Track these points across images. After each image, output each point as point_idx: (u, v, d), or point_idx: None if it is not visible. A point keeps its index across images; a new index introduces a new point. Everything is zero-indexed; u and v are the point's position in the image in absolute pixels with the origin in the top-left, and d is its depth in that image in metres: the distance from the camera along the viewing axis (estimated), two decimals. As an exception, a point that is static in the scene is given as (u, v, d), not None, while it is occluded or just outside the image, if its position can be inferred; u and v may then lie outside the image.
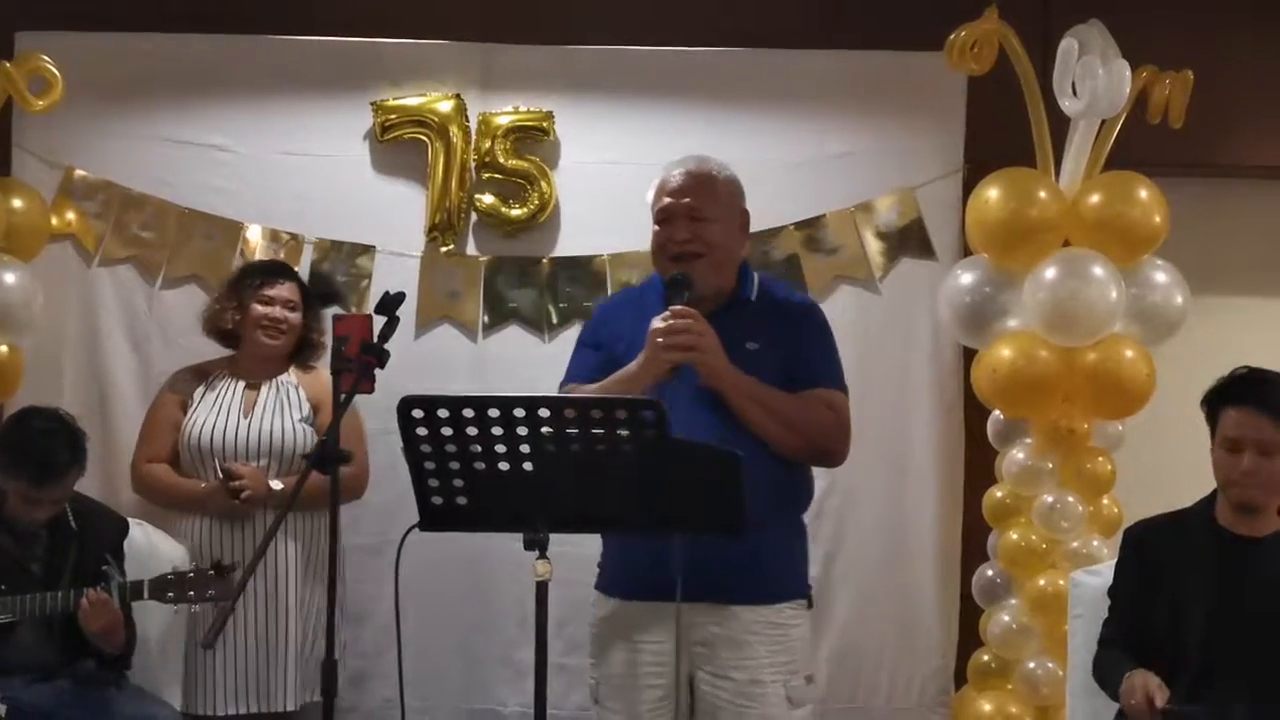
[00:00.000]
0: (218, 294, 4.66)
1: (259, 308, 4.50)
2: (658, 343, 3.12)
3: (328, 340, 4.60)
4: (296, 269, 4.87)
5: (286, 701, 4.39)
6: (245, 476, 4.32)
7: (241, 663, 4.35)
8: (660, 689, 3.21)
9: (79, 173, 5.04)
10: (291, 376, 4.56)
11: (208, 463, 4.41)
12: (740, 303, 3.34)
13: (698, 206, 3.29)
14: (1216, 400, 3.51)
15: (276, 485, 4.37)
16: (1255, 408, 3.43)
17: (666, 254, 3.31)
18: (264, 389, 4.51)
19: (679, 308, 3.15)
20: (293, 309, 4.54)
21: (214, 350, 4.64)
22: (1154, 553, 3.59)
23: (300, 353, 4.61)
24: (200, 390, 4.53)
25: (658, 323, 3.15)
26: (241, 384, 4.52)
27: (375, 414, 4.34)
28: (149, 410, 4.64)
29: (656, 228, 3.34)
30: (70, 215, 5.03)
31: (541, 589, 2.77)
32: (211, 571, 3.94)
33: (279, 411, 4.46)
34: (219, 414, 4.45)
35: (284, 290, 4.54)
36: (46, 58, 4.73)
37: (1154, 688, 3.31)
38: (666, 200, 3.31)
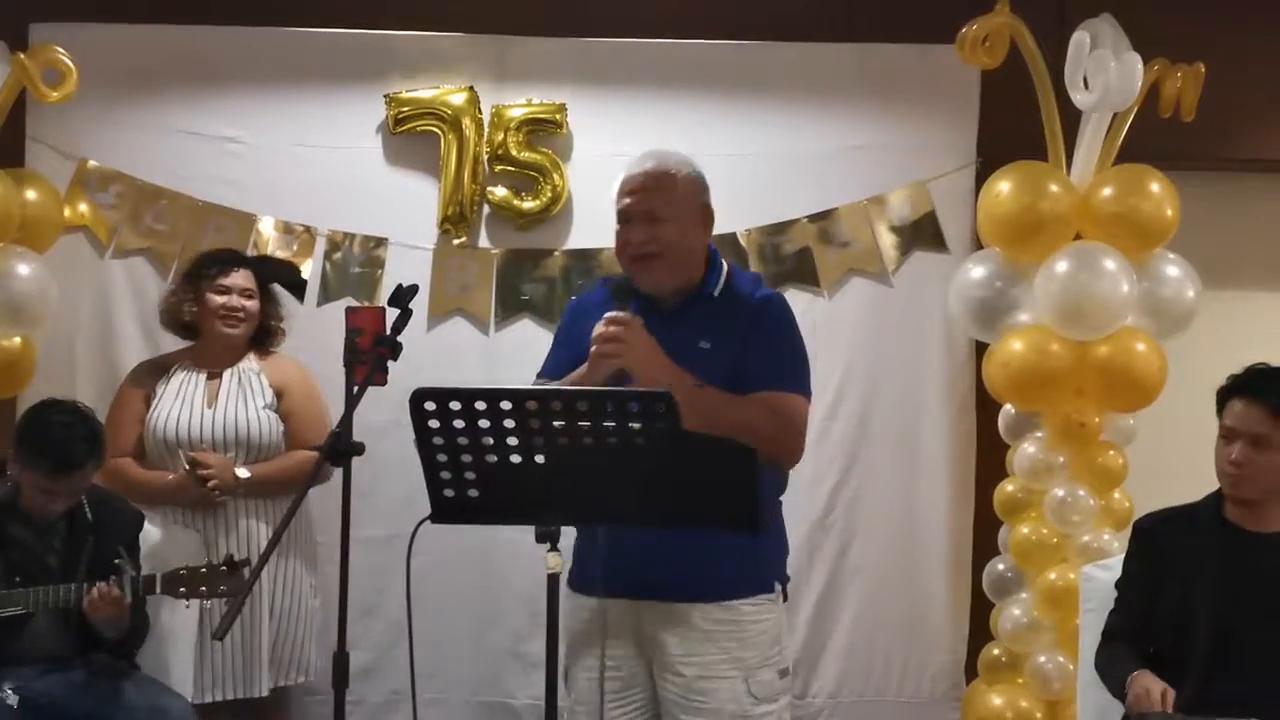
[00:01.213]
0: (172, 286, 4.65)
1: (216, 297, 4.50)
2: (593, 350, 3.14)
3: (289, 326, 4.64)
4: (309, 261, 4.88)
5: (262, 687, 4.42)
6: (212, 466, 4.33)
7: (220, 649, 4.37)
8: (619, 680, 3.23)
9: (93, 164, 5.06)
10: (253, 363, 4.56)
11: (174, 454, 4.42)
12: (702, 299, 3.31)
13: (654, 208, 3.26)
14: (1225, 392, 3.53)
15: (244, 474, 4.38)
16: (1254, 400, 3.45)
17: (625, 255, 3.31)
18: (226, 377, 4.51)
19: (613, 314, 3.14)
20: (249, 296, 4.54)
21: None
22: (1162, 546, 3.59)
23: (259, 339, 4.61)
24: (162, 383, 4.53)
25: (599, 327, 3.15)
26: (203, 374, 4.52)
27: (387, 406, 4.31)
28: (112, 405, 4.60)
29: (617, 227, 3.33)
30: (84, 207, 5.05)
31: (553, 581, 2.77)
32: (224, 567, 3.95)
33: (242, 400, 4.47)
34: (182, 405, 4.45)
35: (239, 278, 4.53)
36: (61, 49, 4.73)
37: (1159, 693, 3.31)
38: (625, 201, 3.31)
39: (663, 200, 3.28)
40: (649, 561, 3.07)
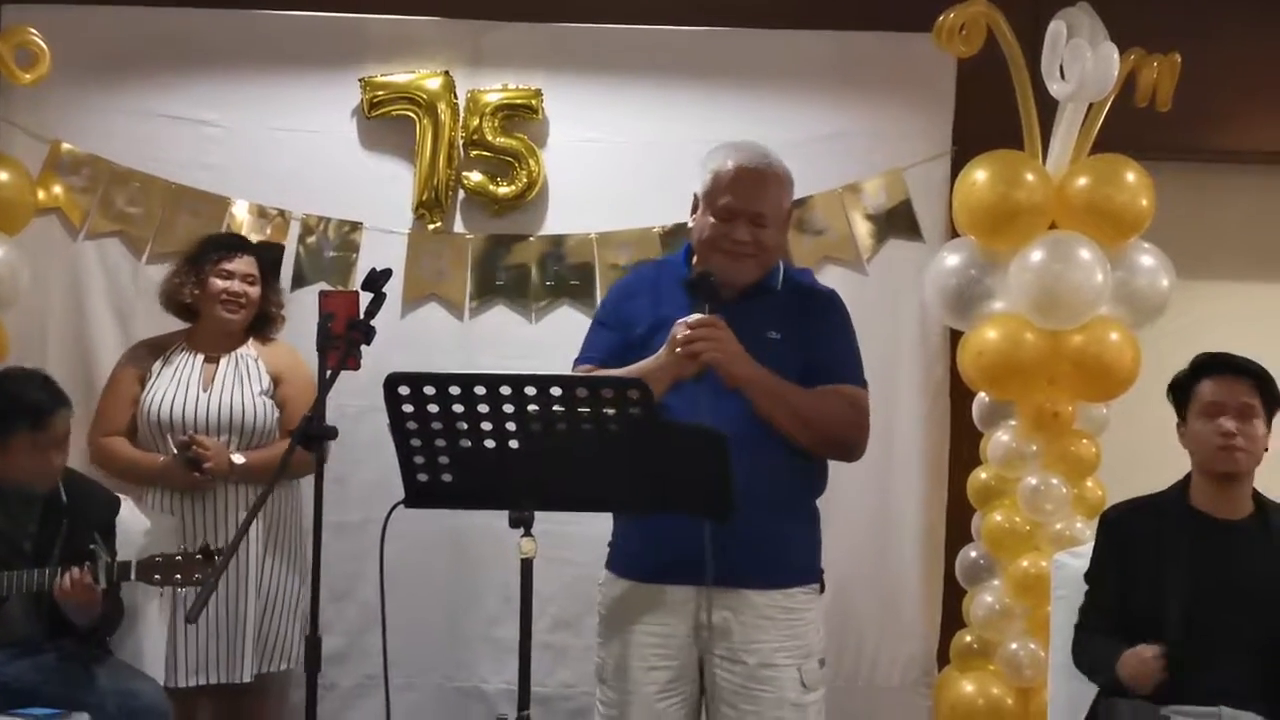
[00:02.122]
0: (174, 268, 4.64)
1: (218, 282, 4.49)
2: (678, 351, 3.11)
3: (288, 313, 4.62)
4: (283, 244, 4.87)
5: (244, 673, 4.42)
6: (209, 448, 4.33)
7: (203, 636, 4.37)
8: (670, 670, 3.20)
9: (66, 146, 5.03)
10: (251, 349, 4.56)
11: (167, 436, 4.41)
12: (765, 291, 3.31)
13: (762, 211, 3.25)
14: (1189, 379, 3.55)
15: (239, 459, 4.38)
16: (1233, 374, 3.50)
17: (719, 249, 3.25)
18: (223, 362, 4.51)
19: (702, 316, 3.12)
20: (252, 283, 4.54)
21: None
22: (1130, 537, 3.61)
23: (258, 325, 4.60)
24: (158, 364, 4.53)
25: (681, 328, 3.14)
26: (200, 357, 4.52)
27: (360, 391, 4.33)
28: (107, 384, 4.62)
29: (711, 219, 3.26)
30: (57, 189, 5.01)
31: (526, 567, 2.78)
32: (199, 555, 3.93)
33: (238, 384, 4.46)
34: (178, 387, 4.45)
35: (243, 264, 4.53)
36: (34, 31, 4.71)
37: (1150, 657, 3.34)
38: (729, 200, 3.24)
39: (770, 204, 3.28)
40: (715, 546, 3.03)
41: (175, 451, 4.35)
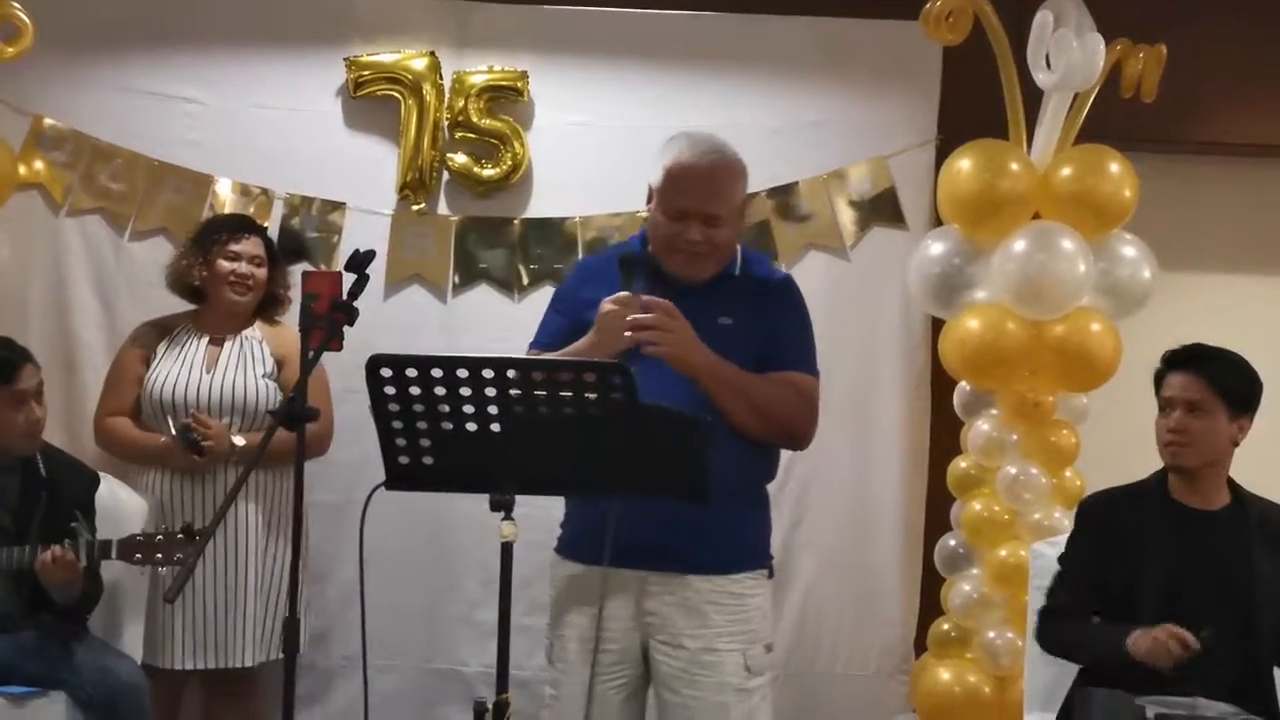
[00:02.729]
0: (182, 249, 4.62)
1: (225, 264, 4.48)
2: (626, 335, 3.09)
3: (294, 295, 4.60)
4: (266, 224, 4.85)
5: (245, 658, 4.40)
6: (211, 427, 4.31)
7: (202, 619, 4.35)
8: (611, 654, 3.21)
9: (48, 122, 4.99)
10: (256, 331, 4.55)
11: (169, 417, 4.40)
12: (721, 277, 3.30)
13: (716, 214, 3.19)
14: (1162, 369, 3.58)
15: (240, 441, 4.36)
16: (1189, 370, 3.53)
17: (674, 249, 3.22)
18: (228, 344, 4.50)
19: (649, 299, 3.09)
20: (259, 265, 4.52)
21: (180, 304, 4.61)
22: (1109, 525, 3.63)
23: (265, 308, 4.59)
24: (164, 344, 4.52)
25: (607, 304, 3.11)
26: (205, 339, 4.51)
27: (343, 372, 4.34)
28: (112, 364, 4.62)
29: (663, 217, 3.22)
30: (38, 164, 4.98)
31: (507, 550, 2.77)
32: (180, 535, 3.93)
33: (242, 367, 4.45)
34: (182, 368, 4.43)
35: (250, 245, 4.51)
36: (17, 5, 4.68)
37: (1173, 629, 3.33)
38: (682, 201, 3.19)
39: (723, 202, 3.20)
40: (657, 531, 3.05)
41: (175, 433, 4.34)
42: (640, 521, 3.00)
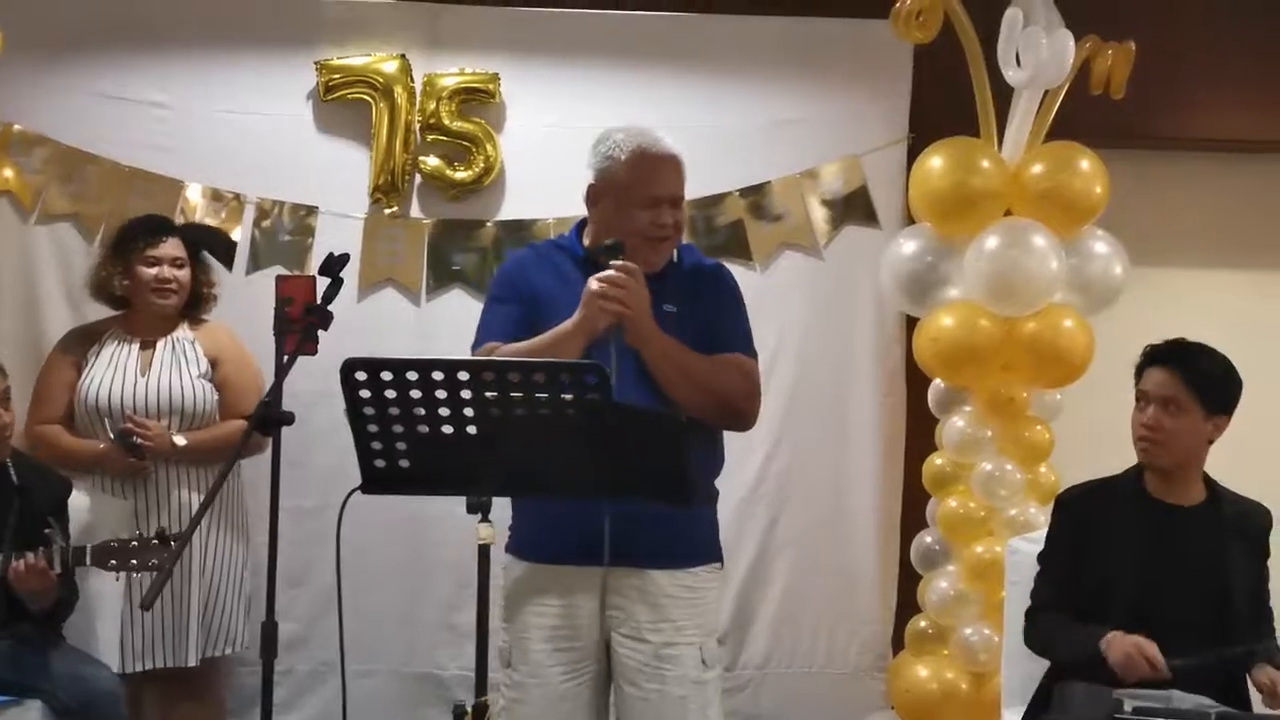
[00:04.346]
0: (100, 257, 4.57)
1: (146, 269, 4.43)
2: (599, 300, 3.12)
3: (219, 291, 4.58)
4: (238, 228, 4.83)
5: (188, 657, 4.38)
6: (150, 429, 4.30)
7: (149, 619, 4.33)
8: (575, 651, 3.21)
9: (17, 128, 4.97)
10: (186, 332, 4.52)
11: (105, 421, 4.37)
12: (667, 267, 3.33)
13: (680, 196, 3.31)
14: (1142, 363, 3.59)
15: (180, 441, 4.35)
16: (1166, 366, 3.53)
17: (649, 237, 3.25)
18: (160, 346, 4.47)
19: (621, 263, 3.14)
20: (180, 266, 4.48)
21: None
22: (1086, 518, 3.64)
23: (191, 306, 4.55)
24: (94, 350, 4.47)
25: (594, 283, 3.14)
26: (136, 343, 4.47)
27: (317, 376, 4.28)
28: (41, 372, 4.56)
29: (637, 210, 3.25)
30: (8, 172, 4.96)
31: (484, 552, 2.78)
32: (155, 540, 3.91)
33: (176, 368, 4.43)
34: (115, 373, 4.40)
35: (169, 248, 4.46)
36: (-16, 11, 4.66)
37: (1147, 647, 3.34)
38: (658, 187, 3.26)
39: (682, 184, 3.32)
40: (616, 528, 3.05)
41: (113, 437, 4.31)
42: (600, 518, 3.02)
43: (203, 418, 4.42)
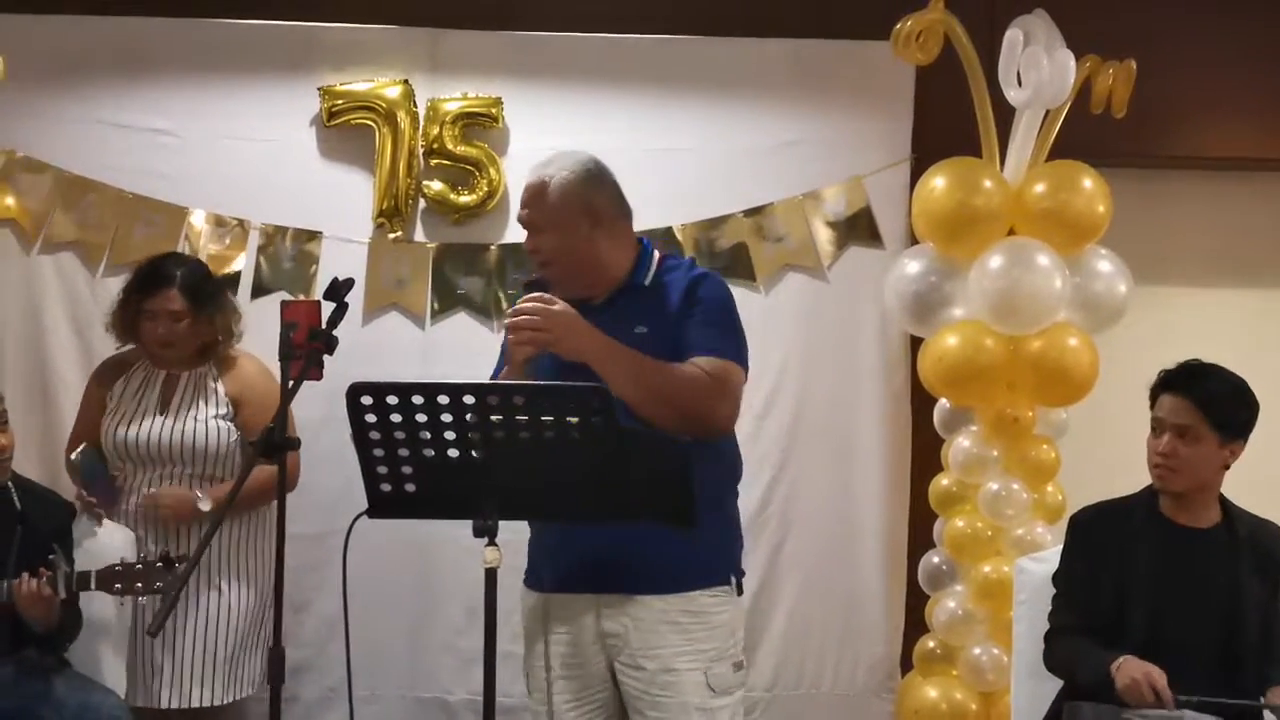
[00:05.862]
0: (118, 300, 4.46)
1: (145, 324, 4.37)
2: (511, 338, 3.12)
3: (241, 327, 4.48)
4: (242, 254, 4.82)
5: (210, 698, 4.31)
6: (170, 506, 4.25)
7: (169, 660, 4.26)
8: (579, 680, 3.21)
9: (20, 156, 4.98)
10: (211, 368, 4.43)
11: (127, 466, 4.34)
12: (632, 289, 3.30)
13: (531, 221, 3.29)
14: (1157, 388, 3.58)
15: (205, 507, 4.26)
16: (1181, 393, 3.53)
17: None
18: (183, 381, 4.39)
19: (528, 295, 3.15)
20: (178, 319, 4.35)
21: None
22: (1101, 538, 3.63)
23: (203, 354, 4.43)
24: (121, 383, 4.43)
25: (508, 321, 3.16)
26: (161, 375, 4.41)
27: (322, 401, 4.30)
28: (82, 398, 4.55)
29: None
30: (10, 200, 4.96)
31: (490, 576, 2.77)
32: (159, 564, 3.90)
33: (195, 409, 4.36)
34: (136, 408, 4.36)
35: (163, 301, 4.34)
36: (-13, 39, 4.68)
37: (1156, 677, 3.32)
38: (522, 217, 3.34)
39: (538, 211, 3.28)
40: (607, 554, 3.06)
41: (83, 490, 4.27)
42: (585, 545, 3.03)
43: (219, 460, 4.35)
